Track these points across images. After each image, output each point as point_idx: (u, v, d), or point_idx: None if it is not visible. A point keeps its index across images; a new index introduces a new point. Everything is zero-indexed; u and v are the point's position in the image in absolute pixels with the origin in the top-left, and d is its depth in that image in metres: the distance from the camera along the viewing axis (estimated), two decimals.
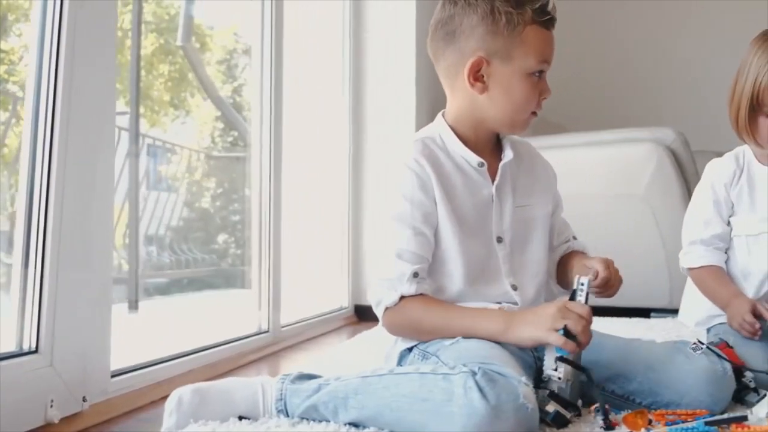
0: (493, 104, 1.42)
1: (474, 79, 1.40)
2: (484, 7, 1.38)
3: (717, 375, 1.33)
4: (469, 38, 1.40)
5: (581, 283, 1.35)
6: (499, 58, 1.39)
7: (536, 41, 1.40)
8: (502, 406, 1.11)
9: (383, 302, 1.39)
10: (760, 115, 1.53)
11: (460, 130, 1.48)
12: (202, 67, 6.09)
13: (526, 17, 1.38)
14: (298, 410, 1.29)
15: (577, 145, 3.26)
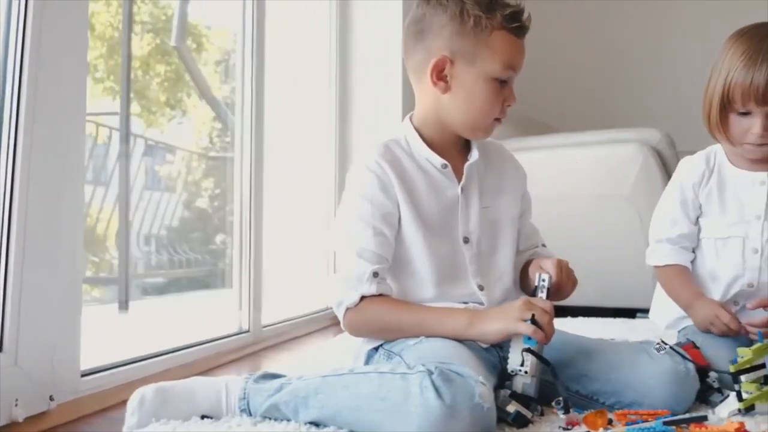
0: (455, 105, 1.43)
1: (437, 78, 1.41)
2: (454, 8, 1.39)
3: (680, 375, 1.33)
4: (436, 37, 1.41)
5: (543, 279, 1.37)
6: (463, 60, 1.40)
7: (503, 47, 1.40)
8: (458, 405, 1.11)
9: (344, 303, 1.40)
10: (731, 112, 1.52)
11: (426, 131, 1.48)
12: (197, 68, 6.09)
13: (495, 22, 1.39)
14: (261, 409, 1.29)
15: (562, 146, 3.26)
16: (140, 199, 5.01)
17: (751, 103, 1.48)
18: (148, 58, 7.47)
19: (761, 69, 1.46)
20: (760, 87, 1.46)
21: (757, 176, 1.57)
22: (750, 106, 1.49)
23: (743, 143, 1.53)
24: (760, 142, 1.51)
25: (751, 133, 1.50)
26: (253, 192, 2.36)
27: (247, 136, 2.37)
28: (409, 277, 1.45)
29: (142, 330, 3.29)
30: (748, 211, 1.57)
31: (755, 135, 1.50)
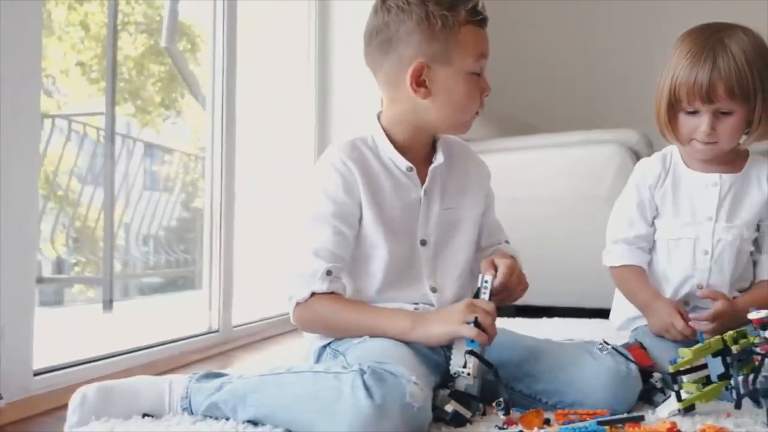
0: (437, 108, 1.42)
1: (417, 85, 1.40)
2: (419, 12, 1.38)
3: (621, 375, 1.33)
4: (407, 45, 1.39)
5: (485, 280, 1.37)
6: (438, 62, 1.39)
7: (472, 40, 1.40)
8: (388, 405, 1.11)
9: (294, 297, 1.41)
10: (679, 111, 1.53)
11: (395, 132, 1.48)
12: (188, 68, 6.11)
13: (461, 18, 1.39)
14: (201, 408, 1.30)
15: (541, 147, 3.26)
16: (139, 199, 5.04)
17: (697, 102, 1.48)
18: (142, 59, 7.50)
19: (705, 67, 1.46)
20: (704, 85, 1.46)
21: (710, 178, 1.57)
22: (696, 104, 1.49)
23: (691, 142, 1.53)
24: (706, 141, 1.51)
25: (699, 131, 1.50)
26: (223, 191, 2.36)
27: (218, 135, 2.37)
28: (364, 276, 1.46)
29: (118, 330, 3.30)
30: (700, 212, 1.56)
31: (702, 133, 1.50)
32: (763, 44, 1.49)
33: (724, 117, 1.49)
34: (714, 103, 1.47)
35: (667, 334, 1.51)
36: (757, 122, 1.47)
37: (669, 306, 1.51)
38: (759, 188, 1.57)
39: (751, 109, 1.47)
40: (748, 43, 1.47)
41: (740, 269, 1.56)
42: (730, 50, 1.46)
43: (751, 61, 1.45)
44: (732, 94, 1.45)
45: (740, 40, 1.47)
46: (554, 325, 2.83)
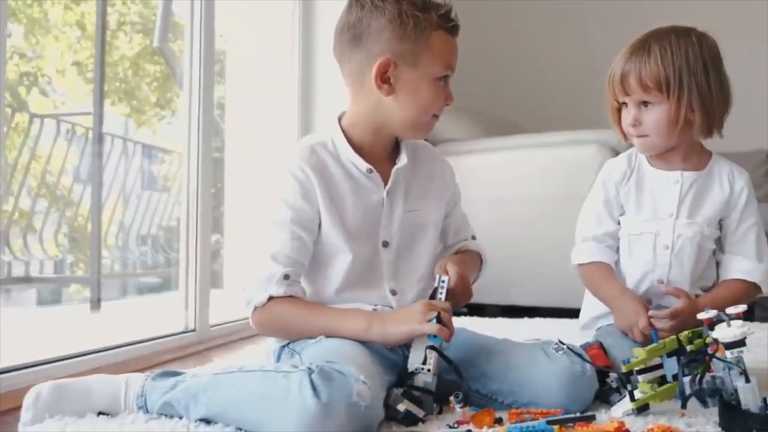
0: (399, 107, 1.43)
1: (381, 81, 1.41)
2: (392, 10, 1.39)
3: (575, 375, 1.33)
4: (376, 41, 1.40)
5: (442, 281, 1.38)
6: (406, 62, 1.40)
7: (442, 47, 1.42)
8: (334, 403, 1.12)
9: (252, 301, 1.41)
10: (620, 108, 1.57)
11: (356, 134, 1.48)
12: (181, 69, 6.11)
13: (433, 22, 1.40)
14: (156, 407, 1.31)
15: (524, 147, 3.27)
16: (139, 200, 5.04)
17: (619, 94, 1.54)
18: (137, 59, 7.50)
19: (621, 61, 1.53)
20: (618, 76, 1.53)
21: (672, 175, 1.58)
22: (620, 96, 1.54)
23: (632, 138, 1.57)
24: (635, 134, 1.55)
25: (626, 123, 1.55)
26: (199, 191, 2.36)
27: (194, 135, 2.37)
28: (323, 278, 1.47)
29: (99, 329, 3.30)
30: (661, 208, 1.57)
31: (627, 124, 1.55)
32: (698, 48, 1.52)
33: (647, 110, 1.52)
34: (631, 95, 1.52)
35: (631, 333, 1.51)
36: (683, 116, 1.49)
37: (636, 303, 1.50)
38: (720, 187, 1.58)
39: (674, 104, 1.49)
40: (675, 44, 1.50)
41: (701, 266, 1.56)
42: (649, 48, 1.51)
43: (670, 59, 1.49)
44: (643, 85, 1.49)
45: (666, 41, 1.51)
46: (534, 325, 2.83)
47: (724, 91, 1.53)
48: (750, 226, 1.57)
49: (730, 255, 1.57)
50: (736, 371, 1.14)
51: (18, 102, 5.90)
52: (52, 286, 5.32)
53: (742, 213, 1.57)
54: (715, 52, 1.53)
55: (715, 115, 1.53)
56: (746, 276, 1.54)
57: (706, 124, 1.53)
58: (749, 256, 1.56)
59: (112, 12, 7.29)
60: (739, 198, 1.57)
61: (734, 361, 1.15)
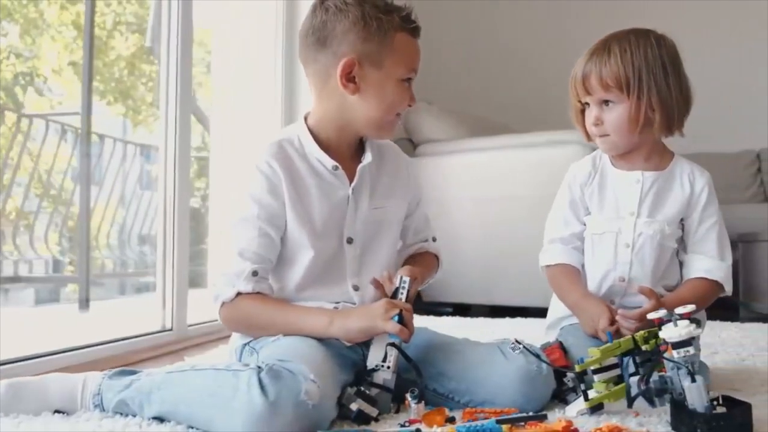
0: (363, 106, 1.45)
1: (346, 80, 1.42)
2: (356, 13, 1.41)
3: (530, 375, 1.33)
4: (341, 42, 1.42)
5: (404, 281, 1.39)
6: (370, 63, 1.42)
7: (405, 49, 1.44)
8: (281, 402, 1.12)
9: (220, 297, 1.42)
10: (584, 109, 1.57)
11: (322, 132, 1.49)
12: None
13: (395, 24, 1.42)
14: (111, 405, 1.32)
15: (508, 147, 3.27)
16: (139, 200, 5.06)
17: (581, 94, 1.54)
18: (133, 59, 7.51)
19: (582, 62, 1.54)
20: (580, 76, 1.53)
21: (633, 175, 1.58)
22: (582, 97, 1.55)
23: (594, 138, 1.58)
24: (597, 133, 1.55)
25: (590, 125, 1.55)
26: (176, 189, 2.36)
27: (171, 132, 2.38)
28: (287, 274, 1.47)
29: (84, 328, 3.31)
30: (623, 208, 1.57)
31: (589, 124, 1.55)
32: (656, 48, 1.53)
33: (608, 110, 1.53)
34: (592, 94, 1.53)
35: (597, 334, 1.51)
36: (643, 116, 1.50)
37: (599, 304, 1.50)
38: (681, 187, 1.58)
39: (635, 103, 1.50)
40: (635, 45, 1.51)
41: (662, 265, 1.56)
42: (609, 48, 1.52)
43: (630, 59, 1.50)
44: (603, 85, 1.50)
45: (625, 42, 1.52)
46: (515, 324, 2.82)
47: (684, 91, 1.54)
48: (711, 225, 1.57)
49: (693, 254, 1.57)
50: (684, 371, 1.14)
51: (14, 102, 5.93)
52: (51, 286, 5.35)
53: (703, 213, 1.57)
54: (674, 53, 1.54)
55: (675, 114, 1.54)
56: (708, 274, 1.54)
57: (666, 123, 1.54)
58: (711, 255, 1.56)
59: (108, 12, 7.32)
60: (699, 198, 1.57)
61: (682, 360, 1.15)
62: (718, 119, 4.62)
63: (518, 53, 4.57)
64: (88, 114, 3.97)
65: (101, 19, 7.33)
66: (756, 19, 4.58)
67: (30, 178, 4.38)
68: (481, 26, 4.84)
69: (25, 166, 4.43)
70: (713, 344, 2.15)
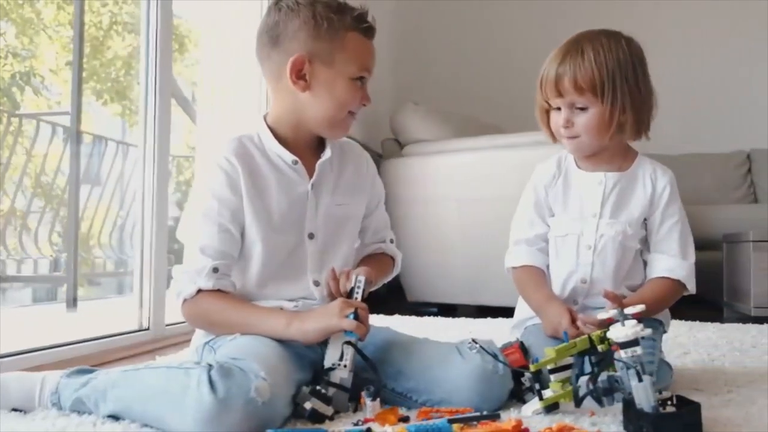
0: (315, 103, 1.46)
1: (296, 77, 1.44)
2: (306, 12, 1.44)
3: (486, 374, 1.33)
4: (292, 41, 1.44)
5: (359, 281, 1.39)
6: (321, 61, 1.44)
7: (357, 48, 1.46)
8: (231, 399, 1.13)
9: (182, 294, 1.43)
10: (550, 110, 1.56)
11: (280, 130, 1.51)
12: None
13: (347, 23, 1.44)
14: (68, 403, 1.32)
15: (492, 148, 3.27)
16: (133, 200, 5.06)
17: (552, 96, 1.52)
18: (129, 59, 7.53)
19: (554, 63, 1.52)
20: (553, 78, 1.51)
21: (595, 176, 1.58)
22: (553, 99, 1.53)
23: (561, 139, 1.57)
24: (567, 135, 1.54)
25: (558, 125, 1.54)
26: (155, 187, 2.36)
27: (150, 133, 2.38)
28: (249, 269, 1.48)
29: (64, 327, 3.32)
30: (586, 209, 1.57)
31: (560, 126, 1.54)
32: (627, 51, 1.52)
33: (580, 112, 1.52)
34: (564, 97, 1.51)
35: (558, 335, 1.51)
36: (616, 119, 1.50)
37: (560, 307, 1.50)
38: (643, 187, 1.58)
39: (609, 107, 1.49)
40: (607, 47, 1.50)
41: (625, 266, 1.56)
42: (582, 49, 1.50)
43: (603, 61, 1.49)
44: (577, 88, 1.49)
45: (598, 43, 1.51)
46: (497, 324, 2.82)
47: (651, 93, 1.54)
48: (673, 224, 1.56)
49: (655, 254, 1.57)
50: (632, 371, 1.14)
51: (11, 102, 5.94)
52: (48, 286, 5.36)
53: (665, 211, 1.57)
54: (641, 55, 1.55)
55: (645, 118, 1.54)
56: (669, 273, 1.54)
57: (637, 126, 1.54)
58: (673, 253, 1.55)
59: (105, 12, 7.34)
60: (661, 197, 1.57)
61: (630, 360, 1.15)
62: (709, 120, 4.63)
63: (510, 53, 4.57)
64: (78, 113, 3.98)
65: (98, 19, 7.36)
66: (747, 20, 4.58)
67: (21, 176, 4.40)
68: (472, 26, 4.84)
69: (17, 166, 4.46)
70: (687, 344, 2.16)
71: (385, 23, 4.51)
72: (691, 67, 4.66)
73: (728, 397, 1.46)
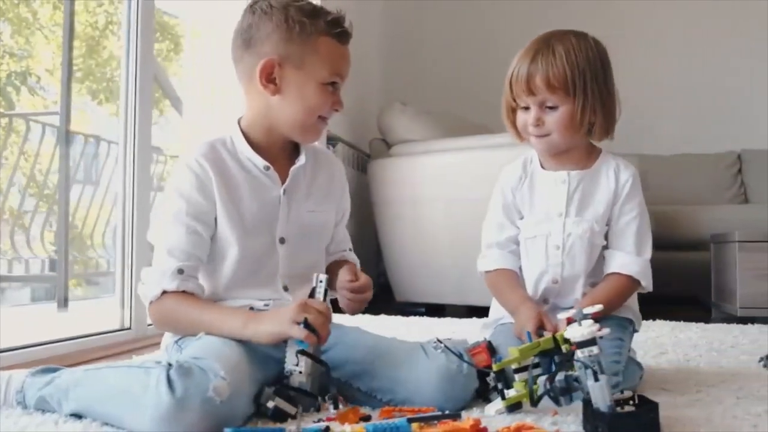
0: (285, 107, 1.46)
1: (266, 80, 1.44)
2: (279, 15, 1.44)
3: (450, 373, 1.34)
4: (264, 44, 1.44)
5: (320, 280, 1.38)
6: (291, 64, 1.44)
7: (329, 53, 1.45)
8: (188, 398, 1.13)
9: (147, 296, 1.43)
10: (517, 109, 1.56)
11: (253, 134, 1.51)
12: (159, 68, 6.14)
13: (319, 27, 1.44)
14: (32, 402, 1.32)
15: (479, 148, 3.27)
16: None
17: (523, 95, 1.52)
18: None
19: (526, 62, 1.51)
20: (524, 77, 1.50)
21: (559, 176, 1.58)
22: (523, 98, 1.52)
23: (529, 138, 1.57)
24: (536, 134, 1.54)
25: (528, 125, 1.54)
26: (135, 186, 2.37)
27: (130, 129, 2.38)
28: (219, 272, 1.48)
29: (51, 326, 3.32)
30: (552, 209, 1.58)
31: (530, 125, 1.53)
32: (596, 51, 1.53)
33: (550, 111, 1.52)
34: (536, 95, 1.51)
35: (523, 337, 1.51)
36: (587, 119, 1.50)
37: (530, 311, 1.50)
38: (607, 182, 1.58)
39: (580, 105, 1.49)
40: (577, 46, 1.50)
41: (593, 263, 1.56)
42: (553, 49, 1.50)
43: (574, 60, 1.49)
44: (550, 86, 1.49)
45: (568, 42, 1.51)
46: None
47: (615, 93, 1.55)
48: (631, 219, 1.56)
49: (611, 250, 1.57)
50: (590, 370, 1.14)
51: (7, 101, 5.95)
52: (47, 286, 5.36)
53: (623, 206, 1.56)
54: (607, 56, 1.55)
55: (612, 117, 1.54)
56: (622, 269, 1.54)
57: (605, 126, 1.54)
58: (628, 249, 1.55)
59: (100, 12, 7.34)
60: (622, 191, 1.57)
61: (588, 360, 1.15)
62: (700, 121, 4.63)
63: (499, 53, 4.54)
64: (67, 113, 3.98)
65: (93, 19, 7.37)
66: (739, 22, 4.58)
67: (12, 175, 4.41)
68: (461, 27, 4.84)
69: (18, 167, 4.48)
70: (666, 344, 2.16)
71: (374, 24, 4.56)
72: (683, 68, 4.67)
73: (696, 397, 1.45)
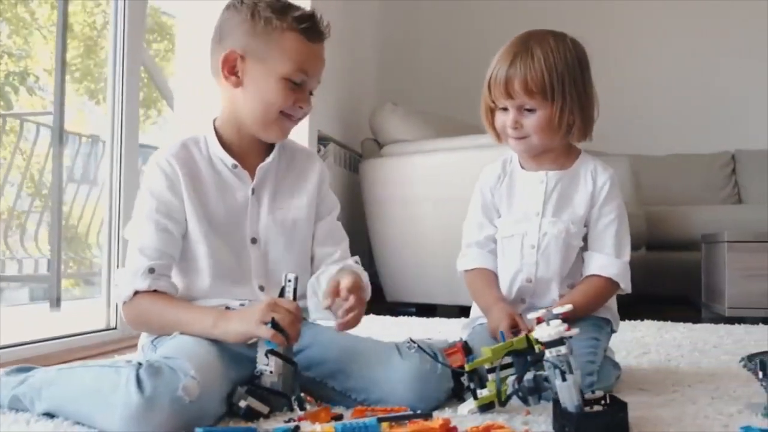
0: (245, 101, 1.47)
1: (228, 72, 1.45)
2: (247, 11, 1.45)
3: (423, 373, 1.34)
4: (230, 37, 1.46)
5: (289, 279, 1.37)
6: (255, 58, 1.45)
7: (295, 49, 1.45)
8: (158, 398, 1.13)
9: (120, 296, 1.43)
10: (496, 109, 1.56)
11: (225, 132, 1.52)
12: (155, 67, 6.15)
13: (286, 23, 1.44)
14: (6, 401, 1.33)
15: (469, 148, 3.27)
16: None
17: (500, 98, 1.52)
18: None
19: (504, 65, 1.51)
20: (502, 80, 1.50)
21: (537, 176, 1.59)
22: (501, 100, 1.52)
23: (508, 139, 1.57)
24: (515, 136, 1.54)
25: (507, 127, 1.54)
26: (122, 184, 2.37)
27: (117, 128, 2.37)
28: (193, 273, 1.48)
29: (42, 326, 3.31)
30: (529, 209, 1.58)
31: (508, 127, 1.54)
32: (574, 52, 1.53)
33: (528, 113, 1.52)
34: (514, 99, 1.51)
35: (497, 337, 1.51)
36: (566, 121, 1.51)
37: (503, 311, 1.50)
38: (584, 184, 1.58)
39: (558, 109, 1.49)
40: (556, 49, 1.50)
41: (569, 264, 1.57)
42: (531, 52, 1.50)
43: (552, 63, 1.49)
44: (528, 90, 1.49)
45: (547, 44, 1.51)
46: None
47: (594, 93, 1.55)
48: (610, 222, 1.57)
49: (590, 251, 1.57)
50: (558, 370, 1.14)
51: (5, 101, 5.96)
52: (46, 285, 5.37)
53: (602, 208, 1.57)
54: (585, 56, 1.56)
55: (591, 118, 1.55)
56: (601, 271, 1.54)
57: (584, 128, 1.55)
58: (607, 251, 1.56)
59: (98, 12, 7.35)
60: (600, 193, 1.57)
61: (556, 360, 1.15)
62: (694, 121, 4.63)
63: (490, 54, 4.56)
64: (61, 112, 3.97)
65: (91, 19, 7.38)
66: (732, 22, 4.58)
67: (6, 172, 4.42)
68: (454, 28, 4.85)
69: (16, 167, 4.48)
70: (650, 344, 2.16)
71: (367, 25, 4.56)
72: (677, 68, 4.66)
73: (671, 397, 1.45)
